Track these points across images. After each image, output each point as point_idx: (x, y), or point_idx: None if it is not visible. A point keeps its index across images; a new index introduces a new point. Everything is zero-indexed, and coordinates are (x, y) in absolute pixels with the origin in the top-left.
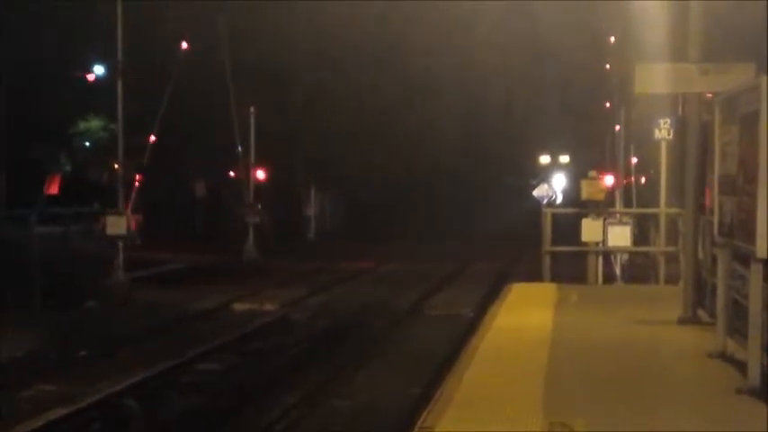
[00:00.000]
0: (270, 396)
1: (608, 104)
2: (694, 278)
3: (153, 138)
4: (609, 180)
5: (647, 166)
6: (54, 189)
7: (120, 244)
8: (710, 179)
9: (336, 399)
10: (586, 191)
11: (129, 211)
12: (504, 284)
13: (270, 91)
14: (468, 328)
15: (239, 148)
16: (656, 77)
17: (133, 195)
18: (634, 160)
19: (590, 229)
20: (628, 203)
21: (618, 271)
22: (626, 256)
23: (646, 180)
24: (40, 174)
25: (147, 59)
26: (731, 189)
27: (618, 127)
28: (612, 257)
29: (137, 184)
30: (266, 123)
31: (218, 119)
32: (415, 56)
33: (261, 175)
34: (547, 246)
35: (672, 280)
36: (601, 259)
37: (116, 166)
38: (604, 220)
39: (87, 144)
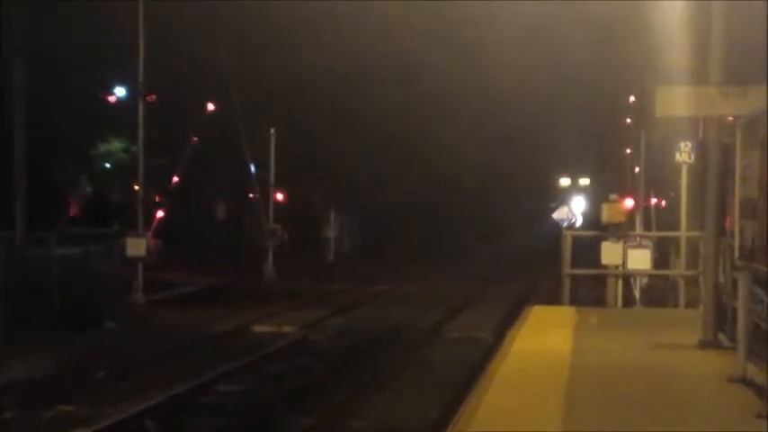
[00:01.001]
0: (289, 417)
1: (628, 121)
2: (715, 302)
3: (176, 179)
4: (629, 203)
5: (668, 189)
6: (74, 210)
7: (140, 265)
8: (731, 202)
9: (355, 420)
10: (607, 214)
11: (150, 234)
12: (523, 307)
13: (290, 113)
14: (486, 352)
15: (253, 169)
16: (677, 100)
17: (156, 221)
18: (653, 201)
19: (610, 253)
20: (647, 227)
21: (637, 294)
22: (646, 280)
23: (666, 203)
24: (60, 195)
25: (169, 82)
26: (752, 213)
27: (628, 150)
28: (632, 281)
29: (160, 213)
30: (286, 146)
31: (238, 140)
32: (435, 78)
33: (280, 197)
34: (566, 269)
35: (692, 303)
36: (620, 282)
37: (136, 187)
38: (624, 243)
39: (108, 166)
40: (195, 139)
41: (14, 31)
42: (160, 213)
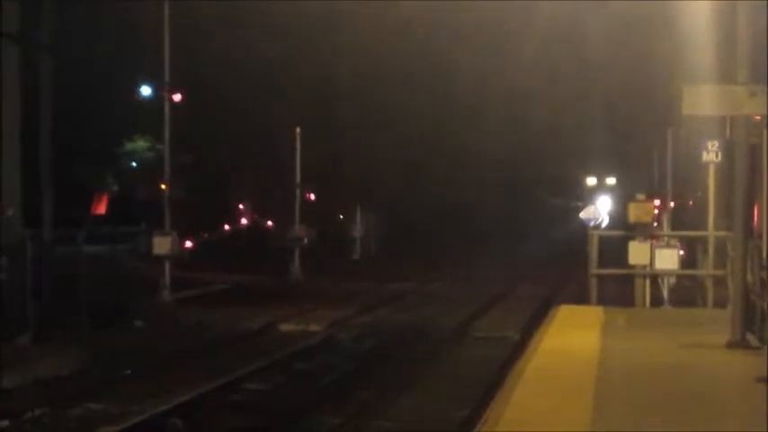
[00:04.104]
0: (316, 416)
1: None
2: (743, 302)
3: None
4: (656, 203)
5: (695, 187)
6: (101, 209)
7: (167, 264)
8: (759, 202)
9: (383, 419)
10: (634, 213)
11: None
12: (549, 307)
13: (316, 113)
14: (513, 351)
15: None
16: (704, 99)
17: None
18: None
19: (637, 252)
20: (676, 226)
21: (665, 294)
22: (674, 279)
23: (693, 202)
24: (87, 194)
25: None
26: None
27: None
28: (660, 280)
29: (189, 243)
30: (312, 145)
31: (264, 140)
32: (460, 78)
33: (307, 195)
34: (593, 268)
35: (720, 303)
36: (648, 282)
37: (163, 186)
38: (652, 242)
39: (134, 164)
40: (227, 228)
41: (42, 29)
42: (189, 243)
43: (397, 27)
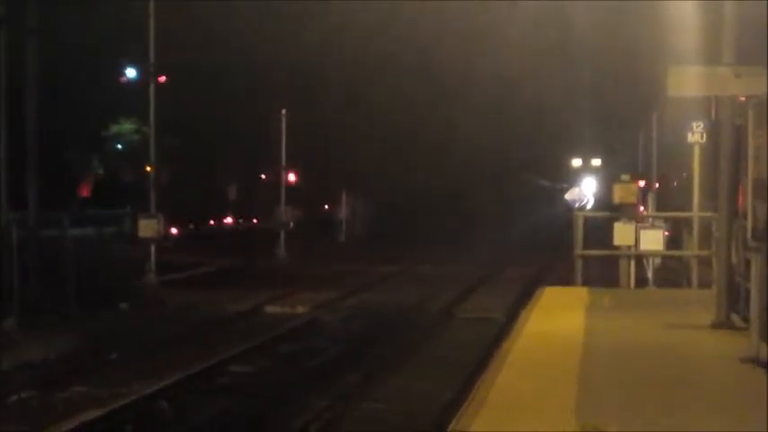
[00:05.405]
0: (302, 398)
1: None
2: (727, 282)
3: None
4: (641, 184)
5: (681, 168)
6: (86, 191)
7: (152, 247)
8: (744, 183)
9: (368, 402)
10: (619, 194)
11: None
12: (535, 288)
13: (303, 96)
14: (499, 332)
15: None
16: (689, 80)
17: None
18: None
19: (622, 233)
20: (661, 207)
21: (650, 275)
22: (658, 260)
23: (677, 183)
24: (72, 176)
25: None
26: (764, 193)
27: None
28: (645, 261)
29: (174, 230)
30: (298, 127)
31: (250, 122)
32: (446, 60)
33: (292, 178)
34: (578, 249)
35: (705, 284)
36: (633, 263)
37: (148, 168)
38: (636, 223)
39: (119, 147)
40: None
41: (28, 13)
42: (174, 230)
43: (383, 12)
